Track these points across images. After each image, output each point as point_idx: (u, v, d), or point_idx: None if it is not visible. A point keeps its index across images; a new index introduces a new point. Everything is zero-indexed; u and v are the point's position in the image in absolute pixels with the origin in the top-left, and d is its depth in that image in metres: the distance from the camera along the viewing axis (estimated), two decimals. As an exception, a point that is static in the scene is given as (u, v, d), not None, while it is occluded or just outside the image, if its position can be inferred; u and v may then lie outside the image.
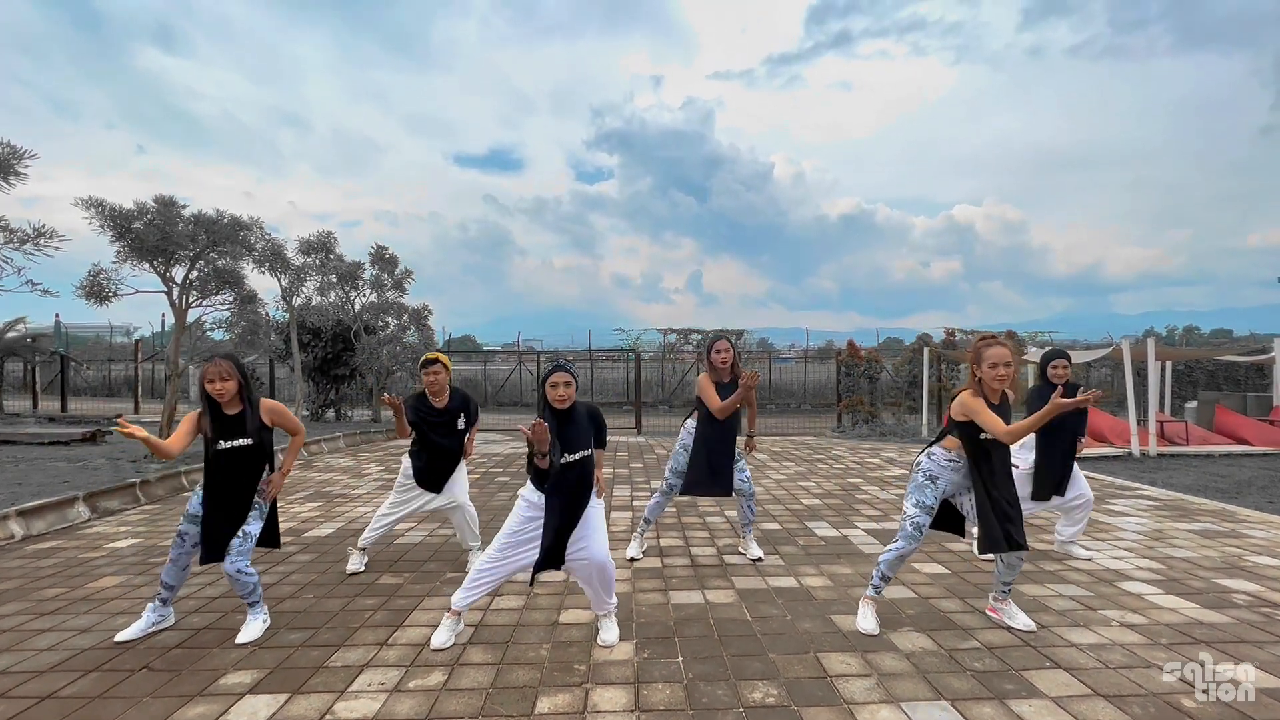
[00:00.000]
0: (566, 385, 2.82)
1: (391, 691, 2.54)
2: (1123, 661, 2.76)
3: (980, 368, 2.90)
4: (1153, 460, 8.69)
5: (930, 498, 3.04)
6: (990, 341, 2.92)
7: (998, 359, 2.85)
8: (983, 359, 2.89)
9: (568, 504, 2.85)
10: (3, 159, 5.67)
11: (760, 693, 2.51)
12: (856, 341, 14.36)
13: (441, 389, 3.90)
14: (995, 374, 2.85)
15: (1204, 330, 36.39)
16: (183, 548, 3.04)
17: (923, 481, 3.08)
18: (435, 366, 3.85)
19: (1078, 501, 4.15)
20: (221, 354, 3.12)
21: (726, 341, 4.06)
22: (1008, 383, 2.89)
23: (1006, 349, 2.88)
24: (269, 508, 3.19)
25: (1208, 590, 3.62)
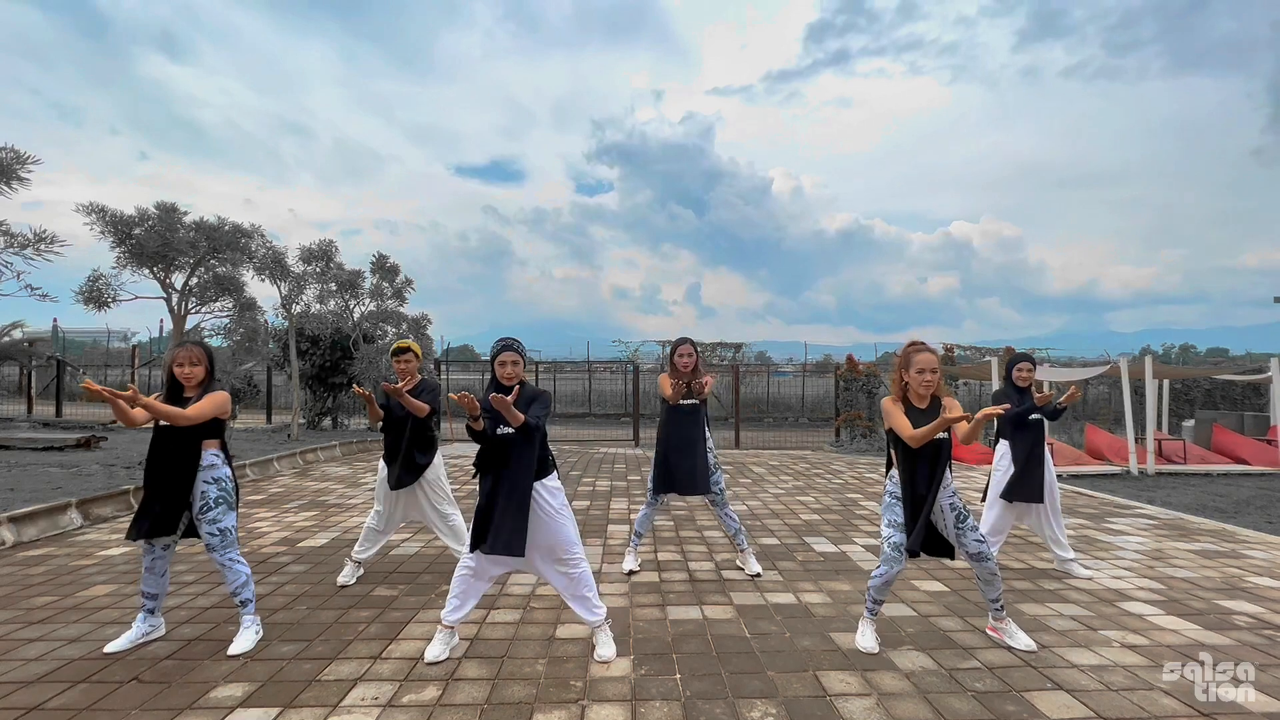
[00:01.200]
0: (514, 364, 2.96)
1: (385, 706, 2.51)
2: (1124, 683, 2.73)
3: (908, 372, 3.00)
4: (1151, 479, 8.67)
5: (900, 516, 3.05)
6: (919, 347, 3.02)
7: (924, 364, 2.95)
8: (910, 364, 2.99)
9: (503, 477, 2.87)
10: (6, 163, 5.68)
11: (759, 711, 2.48)
12: (855, 356, 14.37)
13: (411, 376, 3.91)
14: (922, 379, 2.95)
15: (1200, 349, 36.48)
16: (153, 552, 3.00)
17: (890, 502, 3.11)
18: (406, 355, 3.91)
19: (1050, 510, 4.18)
20: (194, 340, 3.12)
21: (690, 345, 4.12)
22: (932, 389, 2.97)
23: (933, 355, 2.99)
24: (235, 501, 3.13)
25: (1209, 611, 3.59)
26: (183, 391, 3.03)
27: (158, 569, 3.02)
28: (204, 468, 3.03)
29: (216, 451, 3.09)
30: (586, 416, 20.24)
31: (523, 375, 3.01)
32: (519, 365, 2.98)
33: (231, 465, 3.17)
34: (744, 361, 21.54)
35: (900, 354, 3.08)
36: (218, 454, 3.09)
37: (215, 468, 3.05)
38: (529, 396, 2.95)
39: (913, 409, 3.00)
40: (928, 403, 3.02)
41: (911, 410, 3.00)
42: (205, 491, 3.01)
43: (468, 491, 6.99)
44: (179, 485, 2.97)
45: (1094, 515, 6.10)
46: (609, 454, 11.15)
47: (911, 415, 2.98)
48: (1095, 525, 5.67)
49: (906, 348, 3.06)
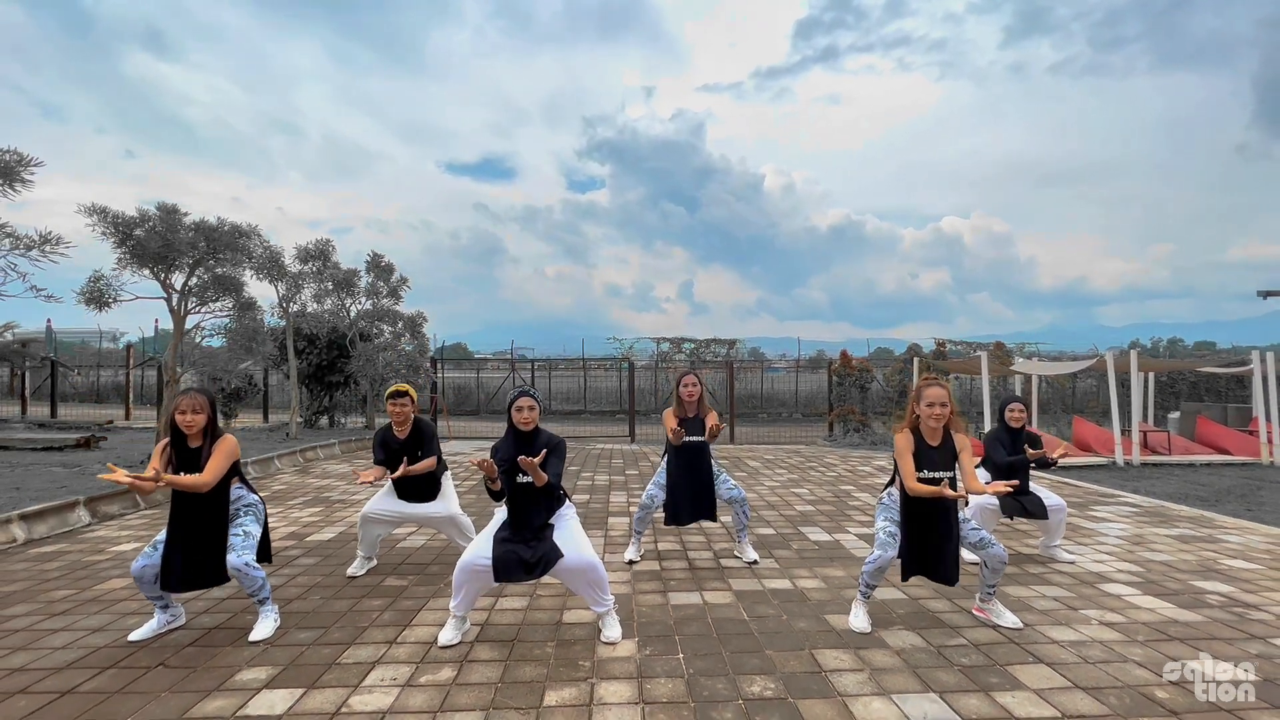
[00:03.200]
0: (531, 409, 3.11)
1: (403, 686, 2.64)
2: (1101, 657, 2.90)
3: (919, 406, 3.13)
4: (1136, 469, 8.90)
5: (897, 515, 3.24)
6: (930, 381, 3.17)
7: (934, 398, 3.08)
8: (921, 398, 3.13)
9: (521, 522, 3.03)
10: (9, 166, 5.74)
11: (758, 686, 2.63)
12: (849, 352, 14.56)
13: (406, 420, 3.96)
14: (931, 412, 3.08)
15: (1188, 342, 36.98)
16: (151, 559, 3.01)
17: (888, 504, 3.32)
18: (403, 399, 3.92)
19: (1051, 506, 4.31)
20: (196, 387, 3.22)
21: (695, 375, 4.26)
22: (943, 421, 3.09)
23: (943, 390, 3.11)
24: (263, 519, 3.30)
25: (1183, 591, 3.77)
26: (187, 440, 3.10)
27: (146, 576, 3.03)
28: (231, 501, 3.20)
29: (239, 485, 3.27)
30: (582, 414, 20.37)
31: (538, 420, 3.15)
32: (535, 411, 3.12)
33: (256, 492, 3.37)
34: (738, 358, 21.73)
35: (914, 388, 3.23)
36: (240, 487, 3.28)
37: (243, 498, 3.27)
38: (545, 444, 3.10)
39: (923, 444, 3.11)
40: (939, 438, 3.12)
41: (922, 446, 3.10)
42: (236, 511, 3.21)
43: (469, 487, 7.11)
44: (205, 533, 3.07)
45: (1079, 504, 6.29)
46: (606, 450, 11.29)
47: (922, 451, 3.09)
48: (1079, 513, 5.86)
49: (919, 382, 3.20)
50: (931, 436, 3.13)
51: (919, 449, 3.11)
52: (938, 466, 3.09)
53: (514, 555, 2.96)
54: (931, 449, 3.11)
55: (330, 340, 13.64)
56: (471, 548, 3.06)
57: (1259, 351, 10.21)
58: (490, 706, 2.48)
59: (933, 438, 3.13)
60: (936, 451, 3.11)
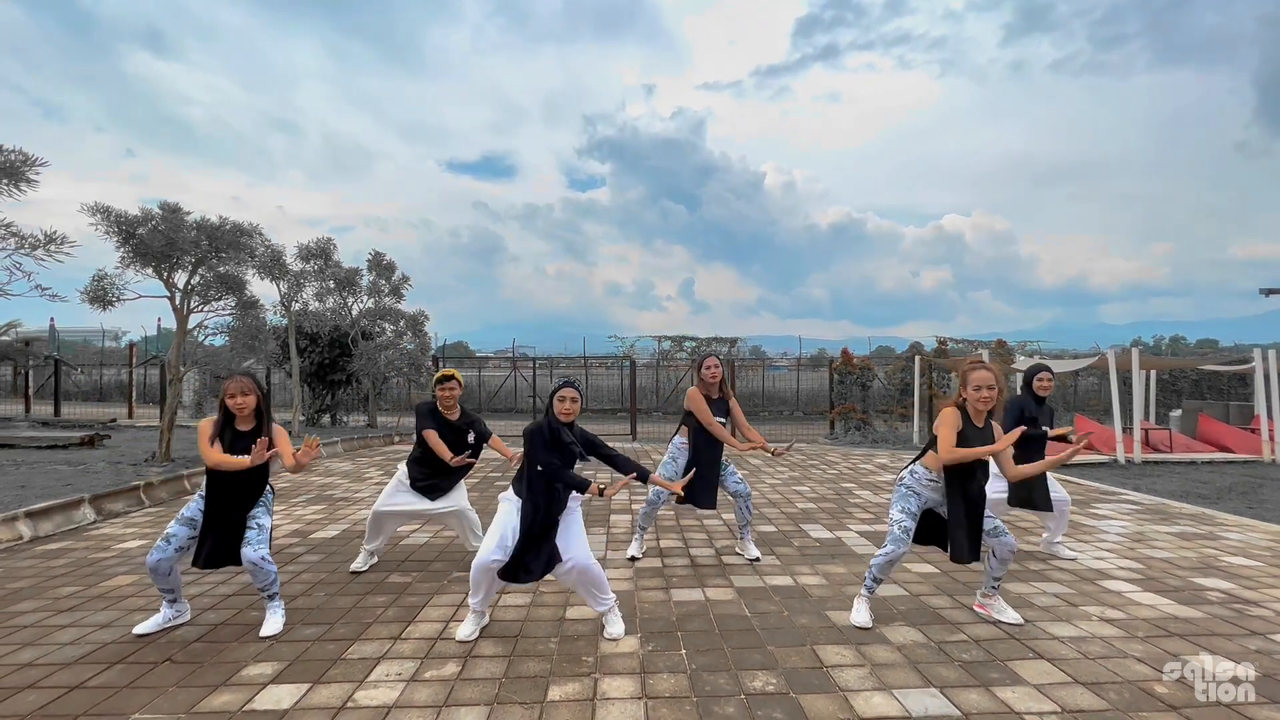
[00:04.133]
0: (574, 401, 3.12)
1: (409, 681, 2.66)
2: (1101, 653, 2.92)
3: (966, 389, 3.12)
4: (1137, 467, 8.90)
5: (914, 505, 3.23)
6: (977, 365, 3.15)
7: (981, 381, 3.07)
8: (968, 381, 3.12)
9: (537, 509, 3.01)
10: (14, 166, 5.76)
11: (760, 681, 2.65)
12: (849, 350, 14.57)
13: (454, 404, 4.07)
14: (979, 396, 3.07)
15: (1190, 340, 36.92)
16: (165, 552, 3.04)
17: (905, 492, 3.28)
18: (450, 383, 4.04)
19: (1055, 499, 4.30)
20: (241, 370, 3.27)
21: (716, 358, 4.30)
22: (990, 404, 3.08)
23: (991, 373, 3.08)
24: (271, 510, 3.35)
25: (1183, 588, 3.79)
26: (234, 420, 3.18)
27: (163, 568, 3.07)
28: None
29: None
30: (584, 412, 20.38)
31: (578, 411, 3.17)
32: (578, 403, 3.13)
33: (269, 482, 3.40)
34: (739, 356, 21.73)
35: (960, 371, 3.21)
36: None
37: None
38: (579, 438, 3.15)
39: (970, 425, 3.10)
40: (984, 420, 3.13)
41: (969, 426, 3.09)
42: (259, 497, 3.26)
43: (470, 485, 7.14)
44: (242, 517, 3.17)
45: (1080, 501, 6.30)
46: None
47: (968, 432, 3.08)
48: (1081, 510, 5.87)
49: (965, 365, 3.19)
50: (978, 419, 3.12)
51: (965, 430, 3.08)
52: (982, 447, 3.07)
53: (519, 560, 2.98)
54: (978, 430, 3.10)
55: (332, 339, 13.68)
56: (485, 547, 3.05)
57: (1261, 349, 10.21)
58: (494, 701, 2.50)
59: (979, 420, 3.12)
60: (982, 434, 3.09)
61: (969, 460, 3.01)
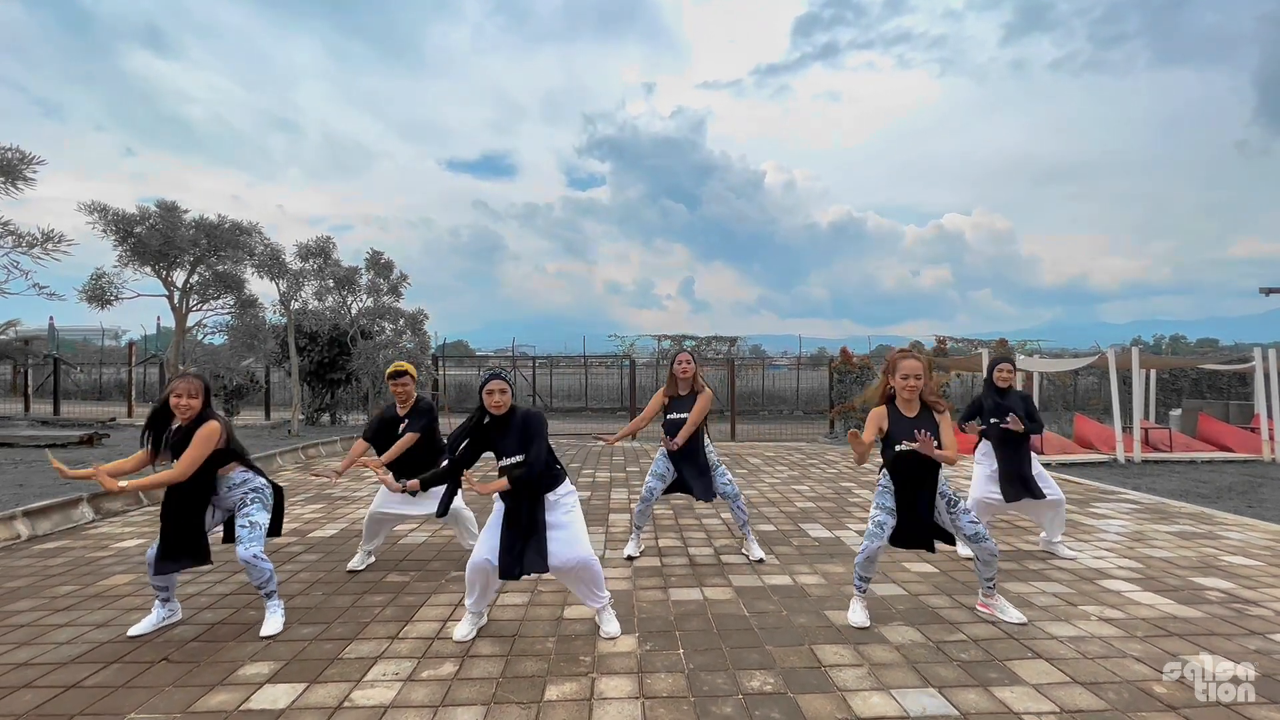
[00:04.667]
0: (502, 393, 3.00)
1: (405, 681, 2.66)
2: (1100, 652, 2.91)
3: (894, 378, 3.15)
4: (1137, 466, 8.89)
5: (890, 501, 3.25)
6: (905, 354, 3.18)
7: (909, 370, 3.11)
8: (896, 369, 3.15)
9: (514, 506, 2.99)
10: (12, 164, 5.75)
11: (758, 681, 2.64)
12: (849, 349, 14.55)
13: (409, 397, 4.09)
14: (905, 385, 3.11)
15: (1190, 339, 36.88)
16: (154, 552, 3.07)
17: (881, 490, 3.31)
18: (403, 378, 4.06)
19: (1050, 499, 4.28)
20: (193, 373, 3.21)
21: (688, 354, 4.31)
22: (914, 393, 3.11)
23: (919, 362, 3.13)
24: (275, 499, 3.29)
25: (1183, 588, 3.78)
26: (172, 419, 3.10)
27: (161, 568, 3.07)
28: (237, 485, 3.19)
29: (242, 470, 3.23)
30: (583, 411, 20.38)
31: (511, 402, 3.02)
32: (506, 394, 3.00)
33: (265, 475, 3.32)
34: (739, 355, 21.71)
35: (887, 360, 3.25)
36: (245, 472, 3.24)
37: (249, 481, 3.23)
38: (521, 424, 3.00)
39: (899, 417, 3.15)
40: (916, 409, 3.16)
41: (898, 418, 3.15)
42: (244, 497, 3.19)
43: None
44: (195, 519, 3.08)
45: (1079, 500, 6.29)
46: (607, 447, 11.30)
47: (898, 424, 3.13)
48: (1080, 510, 5.86)
49: (893, 354, 3.23)
50: (907, 409, 3.17)
51: (895, 422, 3.14)
52: (915, 439, 3.09)
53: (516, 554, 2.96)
54: (908, 420, 3.14)
55: (331, 338, 13.66)
56: (479, 547, 3.04)
57: (1261, 349, 10.20)
58: (491, 701, 2.50)
59: (908, 409, 3.16)
60: (913, 423, 3.13)
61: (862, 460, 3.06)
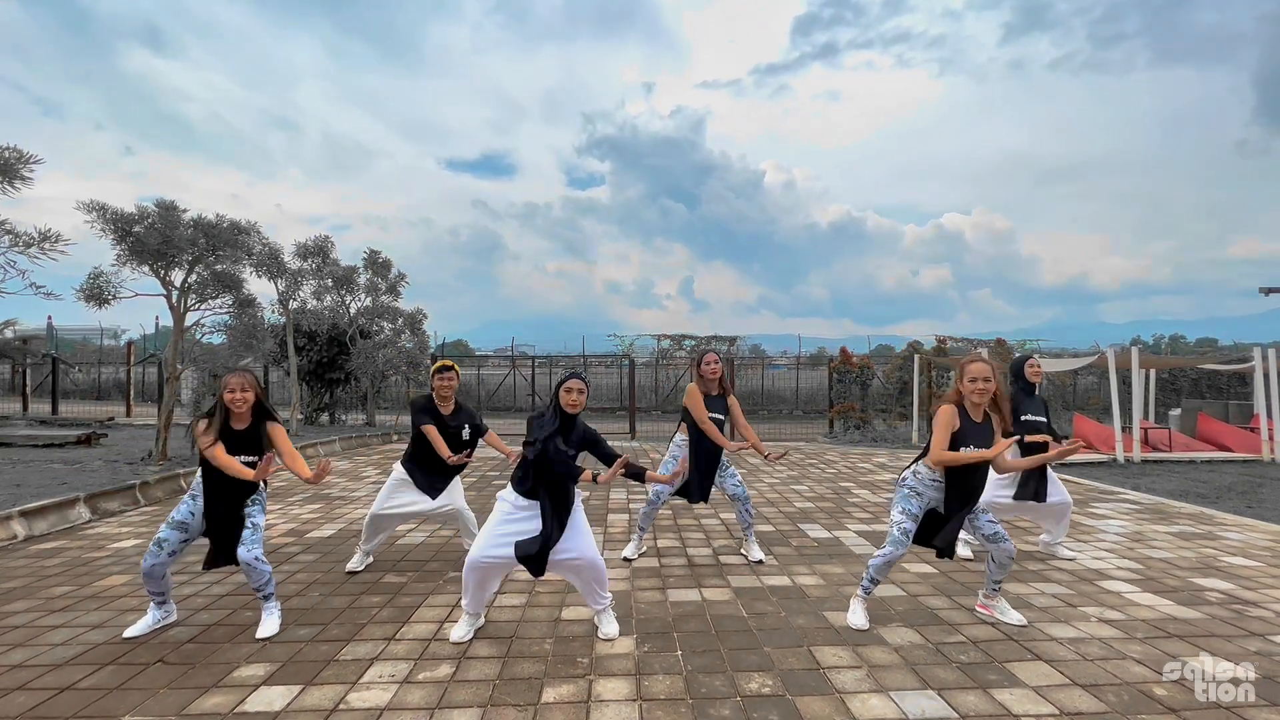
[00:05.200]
0: (580, 393, 3.08)
1: (402, 683, 2.64)
2: (1099, 654, 2.90)
3: (963, 382, 3.08)
4: (1136, 466, 8.88)
5: (915, 507, 3.18)
6: (973, 358, 3.12)
7: (977, 374, 3.02)
8: (964, 374, 3.07)
9: (552, 500, 3.00)
10: (9, 163, 5.72)
11: (756, 683, 2.63)
12: (848, 348, 14.54)
13: (450, 396, 4.02)
14: (974, 388, 3.02)
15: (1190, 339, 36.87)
16: (158, 557, 3.03)
17: (908, 494, 3.23)
18: (449, 374, 3.98)
19: (1057, 505, 4.27)
20: (244, 367, 3.23)
21: (715, 354, 4.27)
22: (986, 397, 3.03)
23: (987, 366, 3.03)
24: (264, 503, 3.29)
25: (1183, 589, 3.77)
26: (229, 417, 3.11)
27: (157, 572, 3.06)
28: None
29: None
30: (584, 410, 20.38)
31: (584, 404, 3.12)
32: (584, 395, 3.09)
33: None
34: (739, 355, 21.70)
35: (958, 365, 3.17)
36: None
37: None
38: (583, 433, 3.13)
39: (968, 421, 3.06)
40: (982, 415, 3.08)
41: (967, 422, 3.05)
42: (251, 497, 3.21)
43: (468, 484, 7.11)
44: (239, 514, 3.13)
45: (1079, 501, 6.28)
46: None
47: (966, 425, 3.04)
48: (1079, 510, 5.85)
49: (965, 360, 3.15)
50: (975, 413, 3.07)
51: (963, 426, 3.04)
52: (981, 443, 3.03)
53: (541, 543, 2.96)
54: (976, 425, 3.05)
55: (330, 337, 13.64)
56: (478, 545, 3.03)
57: (1261, 348, 10.18)
58: (488, 703, 2.48)
59: (976, 414, 3.07)
60: (981, 429, 3.05)
61: (949, 462, 2.98)
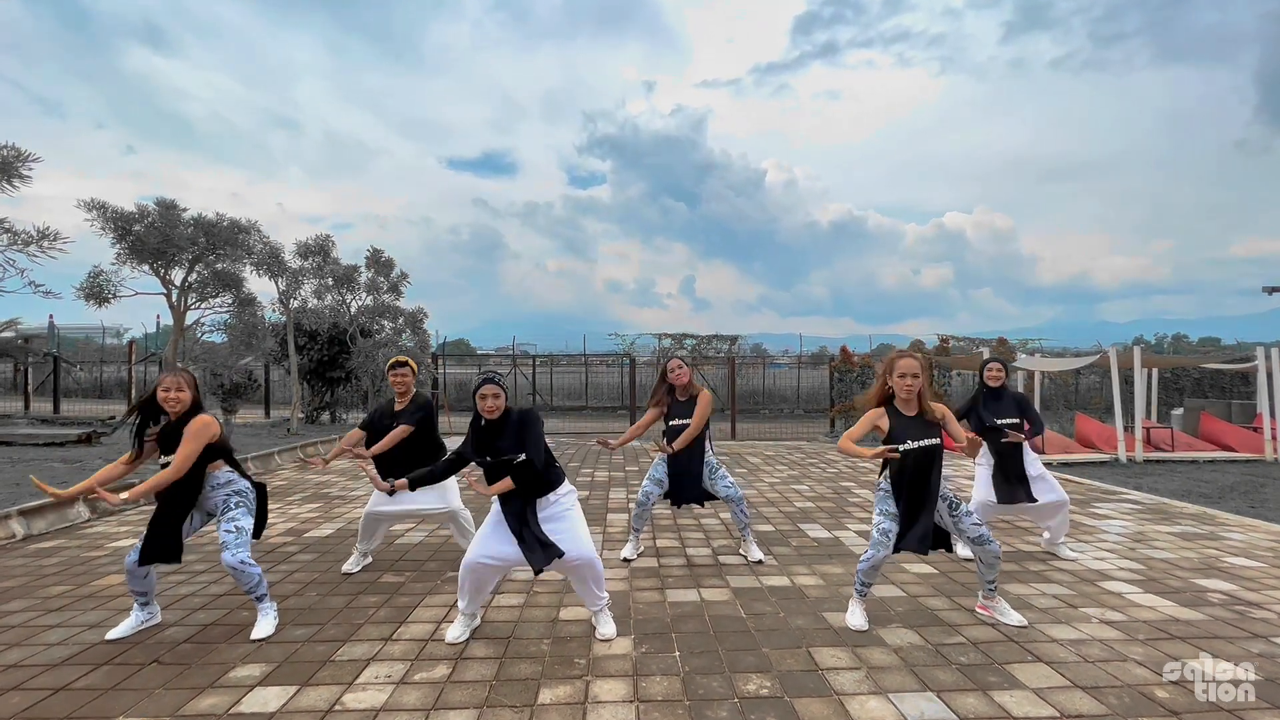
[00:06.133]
0: (495, 397, 2.95)
1: (398, 684, 2.63)
2: (1101, 655, 2.87)
3: (891, 377, 3.14)
4: (1139, 466, 8.85)
5: (892, 506, 3.19)
6: (903, 354, 3.18)
7: (907, 369, 3.10)
8: (894, 369, 3.14)
9: (516, 506, 2.98)
10: (7, 161, 5.72)
11: (754, 684, 2.61)
12: (849, 347, 14.51)
13: (407, 389, 4.03)
14: (903, 384, 3.10)
15: (1192, 338, 36.77)
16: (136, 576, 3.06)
17: (884, 494, 3.25)
18: (403, 369, 3.99)
19: (1052, 501, 4.24)
20: (180, 367, 3.20)
21: (679, 360, 4.33)
22: (913, 392, 3.10)
23: (916, 361, 3.12)
24: (257, 502, 3.23)
25: (1185, 589, 3.74)
26: (159, 414, 3.09)
27: (139, 572, 3.06)
28: (221, 485, 3.15)
29: (228, 470, 3.18)
30: (584, 409, 20.36)
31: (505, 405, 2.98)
32: (500, 398, 2.95)
33: (250, 478, 3.26)
34: (740, 354, 21.68)
35: (885, 360, 3.25)
36: (230, 472, 3.19)
37: (233, 483, 3.17)
38: (516, 425, 2.97)
39: (900, 417, 3.14)
40: (915, 408, 3.14)
41: (899, 418, 3.13)
42: (226, 500, 3.14)
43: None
44: (179, 518, 3.08)
45: (1080, 501, 6.25)
46: (607, 451, 11.26)
47: (900, 424, 3.12)
48: (1081, 510, 5.82)
49: (892, 355, 3.23)
50: (906, 408, 3.15)
51: (896, 422, 3.12)
52: (919, 437, 3.08)
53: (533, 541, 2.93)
54: (909, 419, 3.13)
55: (331, 336, 13.65)
56: (474, 546, 3.02)
57: (1264, 348, 10.14)
58: (484, 705, 2.47)
59: (908, 409, 3.15)
60: (914, 421, 3.12)
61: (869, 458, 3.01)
